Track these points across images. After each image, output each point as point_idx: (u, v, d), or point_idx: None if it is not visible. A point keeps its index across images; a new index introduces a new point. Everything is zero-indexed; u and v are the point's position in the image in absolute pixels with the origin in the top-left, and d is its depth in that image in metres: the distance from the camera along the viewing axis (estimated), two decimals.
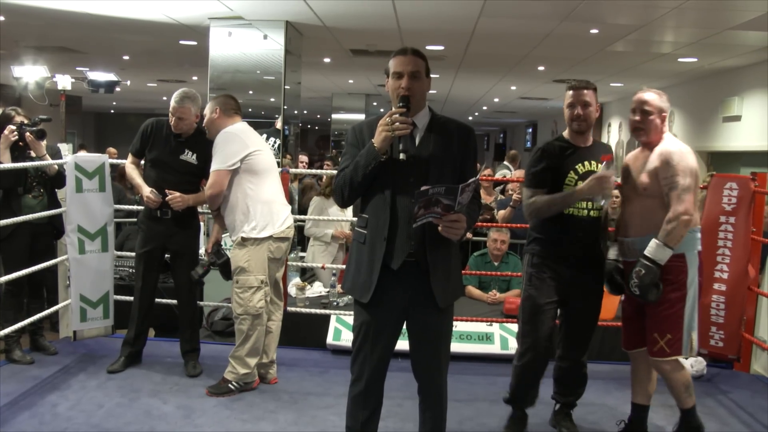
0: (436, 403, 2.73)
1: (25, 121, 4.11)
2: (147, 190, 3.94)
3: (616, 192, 6.25)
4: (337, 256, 5.95)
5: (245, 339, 3.79)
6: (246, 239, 3.75)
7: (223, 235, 4.10)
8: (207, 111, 3.87)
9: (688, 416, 3.29)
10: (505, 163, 10.50)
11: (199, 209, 4.30)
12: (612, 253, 3.35)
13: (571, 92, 3.34)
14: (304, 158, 9.02)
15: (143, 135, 4.05)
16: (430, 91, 2.69)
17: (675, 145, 3.15)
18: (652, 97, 3.18)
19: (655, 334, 3.12)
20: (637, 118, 3.20)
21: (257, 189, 3.77)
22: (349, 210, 5.87)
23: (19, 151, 4.09)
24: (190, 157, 3.99)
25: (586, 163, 3.30)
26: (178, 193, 3.90)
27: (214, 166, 3.73)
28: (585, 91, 3.32)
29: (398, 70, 2.58)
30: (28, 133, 4.05)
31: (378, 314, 2.64)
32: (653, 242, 3.02)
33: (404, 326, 2.72)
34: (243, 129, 3.85)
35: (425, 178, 2.51)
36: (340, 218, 5.74)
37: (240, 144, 3.75)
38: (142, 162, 4.13)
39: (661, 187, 3.08)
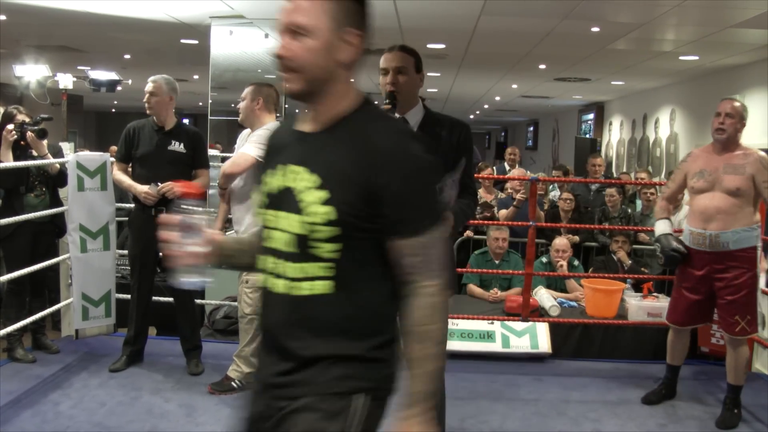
0: None
1: (27, 120, 4.12)
2: (143, 188, 3.93)
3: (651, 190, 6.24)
4: None
5: (252, 339, 3.78)
6: None
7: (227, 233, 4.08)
8: (247, 96, 3.79)
9: (738, 392, 3.66)
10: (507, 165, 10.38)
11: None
12: (663, 227, 3.72)
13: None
14: None
15: (126, 138, 4.04)
16: (431, 90, 2.69)
17: (758, 152, 3.58)
18: (736, 105, 3.61)
19: (737, 317, 3.50)
20: (722, 119, 3.59)
21: None
22: None
23: (20, 150, 4.10)
24: (177, 147, 3.98)
25: (290, 168, 1.51)
26: (170, 183, 3.89)
27: (246, 150, 3.68)
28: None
29: (384, 66, 2.60)
30: (29, 133, 4.05)
31: None
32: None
33: None
34: None
35: None
36: None
37: None
38: (130, 168, 4.13)
39: (760, 189, 3.46)
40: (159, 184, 3.89)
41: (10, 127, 4.04)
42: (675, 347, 3.87)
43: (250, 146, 3.70)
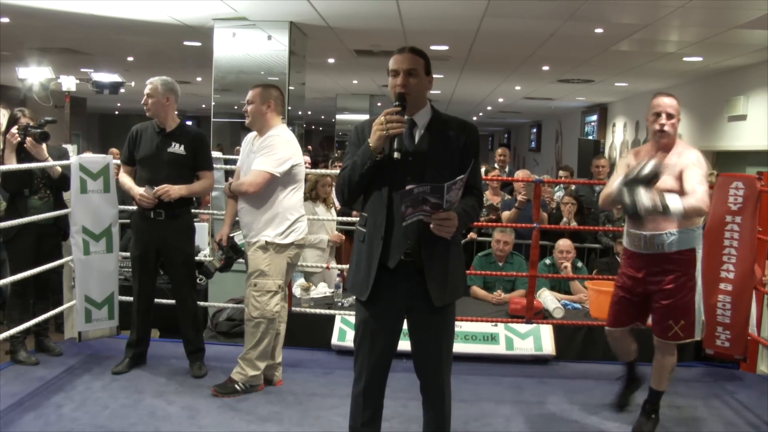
0: (438, 402, 2.73)
1: (31, 123, 4.11)
2: (139, 190, 3.93)
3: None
4: (328, 260, 5.85)
5: (258, 342, 3.78)
6: (269, 243, 3.73)
7: (233, 234, 4.07)
8: (256, 99, 3.77)
9: (658, 397, 3.55)
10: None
11: (203, 209, 4.28)
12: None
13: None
14: (306, 159, 8.67)
15: (129, 141, 4.05)
16: (434, 92, 2.69)
17: (693, 150, 3.42)
18: (674, 102, 3.41)
19: (670, 321, 3.39)
20: (663, 121, 3.38)
21: (290, 197, 3.77)
22: (333, 211, 5.79)
23: (25, 153, 4.10)
24: (177, 148, 3.96)
25: None
26: (166, 185, 3.88)
27: (263, 166, 3.67)
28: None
29: (394, 68, 2.60)
30: (29, 137, 4.04)
31: (376, 313, 2.65)
32: (676, 199, 3.13)
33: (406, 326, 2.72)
34: (292, 136, 3.86)
35: (422, 176, 2.50)
36: (329, 219, 5.61)
37: (291, 152, 3.75)
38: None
39: (684, 178, 3.28)
40: (154, 187, 3.88)
41: (14, 130, 4.05)
42: (620, 347, 3.72)
43: (265, 161, 3.69)
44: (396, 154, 2.49)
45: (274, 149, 3.70)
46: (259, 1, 6.30)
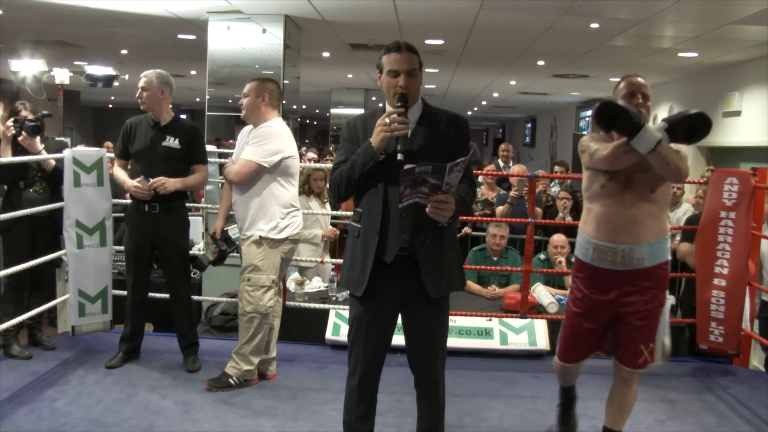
0: (433, 397, 2.73)
1: (30, 116, 4.10)
2: (132, 182, 3.90)
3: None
4: (323, 254, 5.83)
5: (251, 337, 3.78)
6: (263, 238, 3.72)
7: (227, 228, 4.06)
8: (252, 92, 3.76)
9: None
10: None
11: (198, 204, 4.27)
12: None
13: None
14: (312, 155, 8.54)
15: (124, 135, 4.04)
16: (429, 86, 2.70)
17: None
18: (648, 84, 2.94)
19: (641, 345, 2.95)
20: (639, 101, 2.86)
21: (283, 191, 3.76)
22: (328, 206, 5.76)
23: (21, 146, 4.08)
24: (172, 142, 3.95)
25: None
26: (162, 177, 3.86)
27: (250, 156, 3.67)
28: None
29: (394, 69, 2.57)
30: (23, 130, 4.02)
31: (371, 307, 2.65)
32: (663, 127, 2.73)
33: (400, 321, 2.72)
34: (286, 129, 3.84)
35: None
36: (323, 213, 5.59)
37: (283, 144, 3.73)
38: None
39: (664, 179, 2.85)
40: (150, 179, 3.87)
41: (10, 122, 4.03)
42: (571, 376, 3.30)
43: (253, 150, 3.68)
44: (399, 156, 2.49)
45: (264, 140, 3.69)
46: None
